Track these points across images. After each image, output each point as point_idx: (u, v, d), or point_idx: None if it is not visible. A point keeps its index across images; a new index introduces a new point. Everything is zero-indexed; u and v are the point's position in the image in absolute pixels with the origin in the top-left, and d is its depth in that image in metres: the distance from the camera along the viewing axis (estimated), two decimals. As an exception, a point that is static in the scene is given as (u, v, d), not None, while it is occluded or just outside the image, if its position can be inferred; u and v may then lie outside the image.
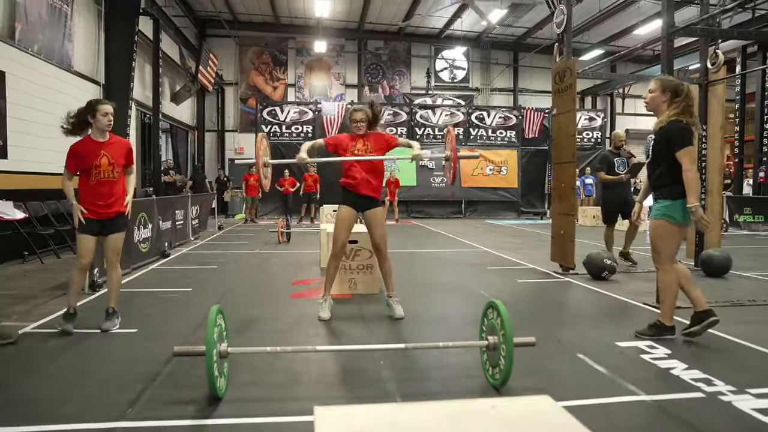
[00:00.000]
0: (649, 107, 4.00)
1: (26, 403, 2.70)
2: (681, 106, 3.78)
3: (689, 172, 3.69)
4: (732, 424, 2.58)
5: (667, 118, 3.80)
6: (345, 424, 1.31)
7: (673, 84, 3.87)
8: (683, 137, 3.72)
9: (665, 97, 3.86)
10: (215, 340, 2.66)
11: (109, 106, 4.07)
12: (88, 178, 3.98)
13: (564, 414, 1.36)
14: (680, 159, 3.71)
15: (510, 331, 2.80)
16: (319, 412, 1.38)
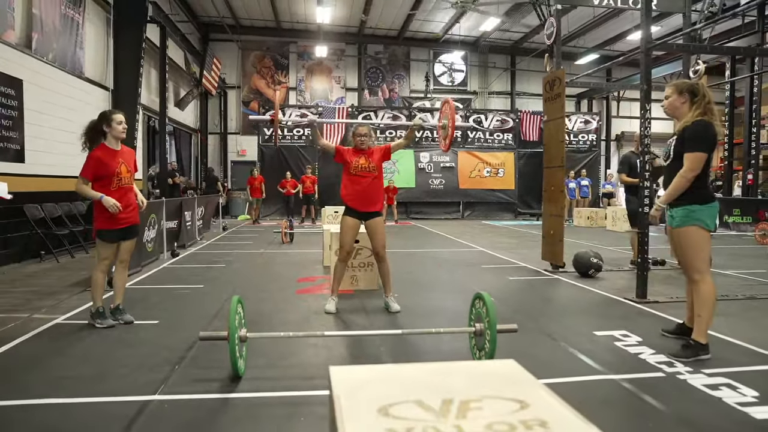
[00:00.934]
0: (668, 113, 3.88)
1: (69, 381, 3.08)
2: (702, 105, 3.63)
3: (683, 176, 3.58)
4: (681, 396, 2.98)
5: (692, 117, 3.64)
6: (353, 377, 1.70)
7: (688, 84, 3.78)
8: (701, 140, 3.57)
9: (684, 98, 3.71)
10: (236, 326, 3.05)
11: (122, 115, 4.38)
12: (109, 185, 4.22)
13: (524, 372, 1.76)
14: (684, 160, 3.59)
15: (494, 319, 3.19)
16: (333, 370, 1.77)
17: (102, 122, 4.25)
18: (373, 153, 4.97)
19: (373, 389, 1.60)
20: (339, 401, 1.50)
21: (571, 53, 20.72)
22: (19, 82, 7.92)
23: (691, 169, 3.55)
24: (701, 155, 3.54)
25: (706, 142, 3.56)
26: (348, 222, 4.92)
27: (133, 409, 2.67)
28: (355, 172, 4.88)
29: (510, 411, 1.44)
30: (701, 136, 3.56)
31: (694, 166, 3.55)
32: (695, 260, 3.64)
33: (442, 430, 1.31)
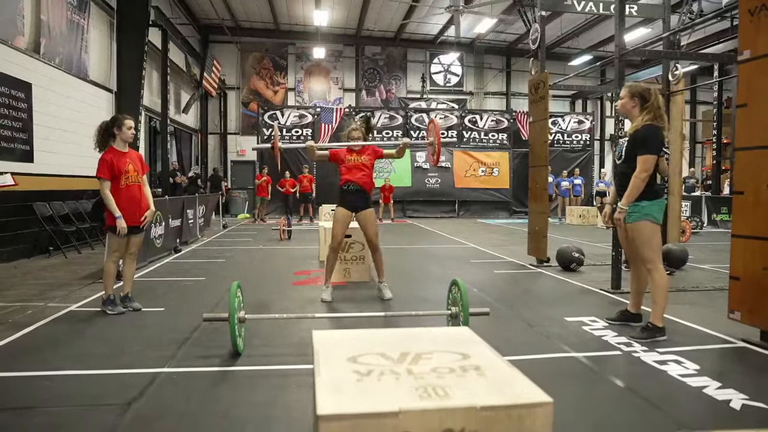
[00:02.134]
0: (621, 113, 4.23)
1: (87, 357, 3.45)
2: (652, 110, 3.92)
3: (637, 177, 3.86)
4: (631, 369, 3.35)
5: (642, 121, 3.93)
6: (330, 337, 2.08)
7: (640, 89, 4.02)
8: (651, 143, 3.86)
9: (634, 102, 4.00)
10: (236, 308, 3.42)
11: (132, 121, 4.77)
12: (118, 183, 4.57)
13: (474, 335, 2.13)
14: (637, 162, 3.86)
15: (466, 303, 3.55)
16: (315, 333, 2.15)
17: (114, 125, 4.62)
18: (363, 152, 5.34)
19: (346, 345, 1.98)
20: (318, 354, 1.89)
21: (566, 54, 21.10)
22: (28, 85, 8.29)
23: (644, 170, 3.86)
24: (651, 157, 3.86)
25: (655, 145, 3.88)
26: (341, 213, 5.31)
27: (146, 379, 3.04)
28: (349, 164, 5.28)
29: (453, 360, 1.82)
30: (650, 139, 3.87)
31: (647, 167, 3.86)
32: (647, 252, 3.95)
33: (396, 371, 1.70)
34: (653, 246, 3.96)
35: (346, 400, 1.47)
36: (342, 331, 2.16)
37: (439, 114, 20.06)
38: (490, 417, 1.42)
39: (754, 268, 3.93)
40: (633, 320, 4.36)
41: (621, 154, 4.12)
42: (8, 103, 7.81)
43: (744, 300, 4.03)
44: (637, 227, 3.95)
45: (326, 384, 1.59)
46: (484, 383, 1.61)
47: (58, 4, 9.31)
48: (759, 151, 3.90)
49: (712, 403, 2.83)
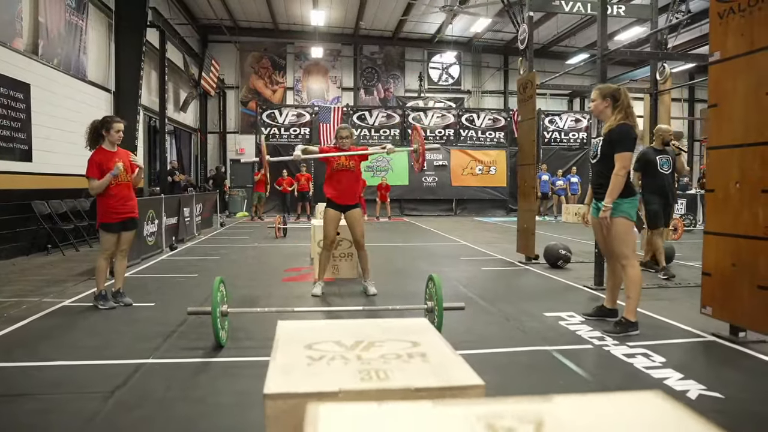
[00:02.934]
0: (594, 115, 4.35)
1: (76, 348, 3.60)
2: (623, 109, 4.06)
3: (617, 175, 3.97)
4: (598, 361, 3.49)
5: (615, 121, 4.06)
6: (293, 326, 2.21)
7: (611, 90, 4.17)
8: (626, 141, 3.99)
9: (606, 102, 4.13)
10: (218, 302, 3.56)
11: (122, 124, 4.90)
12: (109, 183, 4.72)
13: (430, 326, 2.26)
14: (615, 160, 3.98)
15: (440, 297, 3.69)
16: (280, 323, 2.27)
17: (103, 126, 4.76)
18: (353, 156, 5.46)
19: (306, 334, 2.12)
20: (277, 341, 2.03)
21: (563, 53, 21.18)
22: (27, 86, 8.44)
23: (623, 167, 3.99)
24: (629, 154, 4.00)
25: (630, 142, 4.02)
26: (330, 214, 5.45)
27: (130, 369, 3.18)
28: (336, 168, 5.41)
29: (403, 347, 1.95)
30: (625, 137, 4.01)
31: (626, 164, 3.99)
32: (622, 248, 4.08)
33: (346, 356, 1.83)
34: (628, 242, 4.08)
35: (293, 380, 1.61)
36: (306, 321, 2.28)
37: (437, 113, 20.17)
38: (423, 397, 1.55)
39: (724, 264, 4.05)
40: (609, 315, 4.47)
41: (596, 153, 4.25)
42: (7, 104, 7.96)
43: (715, 295, 4.16)
44: (612, 224, 4.06)
45: (278, 367, 1.73)
46: (425, 368, 1.74)
47: (57, 5, 9.45)
48: (728, 150, 4.02)
49: (669, 393, 2.96)
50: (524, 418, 0.71)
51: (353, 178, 5.49)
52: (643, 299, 5.14)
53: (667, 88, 7.90)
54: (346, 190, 5.45)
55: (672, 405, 0.76)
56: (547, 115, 20.42)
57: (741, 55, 3.88)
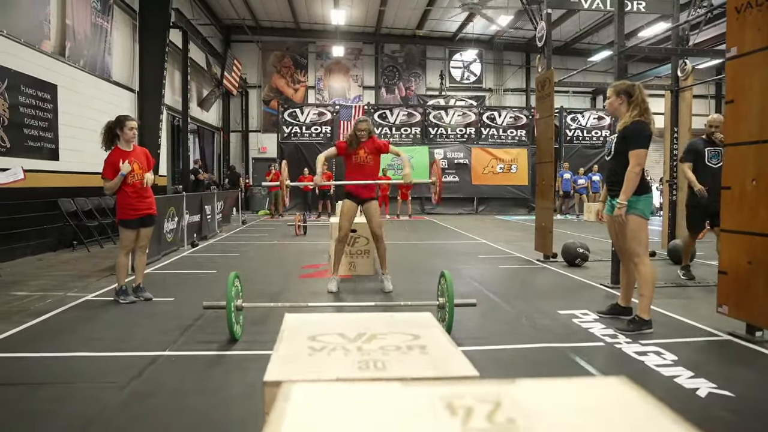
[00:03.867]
0: (609, 112, 4.34)
1: (97, 341, 3.72)
2: (639, 106, 4.03)
3: (632, 172, 3.94)
4: (609, 359, 3.48)
5: (630, 118, 4.03)
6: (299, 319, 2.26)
7: (625, 86, 4.14)
8: (641, 138, 3.97)
9: (621, 99, 4.11)
10: (233, 297, 3.64)
11: (135, 122, 5.00)
12: (125, 181, 4.83)
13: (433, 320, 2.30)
14: (630, 157, 3.96)
15: (451, 294, 3.71)
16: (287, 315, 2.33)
17: (116, 126, 4.87)
18: (368, 144, 5.46)
19: (310, 326, 2.17)
20: (282, 333, 2.08)
21: (586, 50, 20.92)
22: (54, 87, 8.68)
23: (638, 164, 3.96)
24: (643, 151, 3.97)
25: (645, 139, 3.99)
26: (347, 206, 5.52)
27: (147, 361, 3.28)
28: (355, 161, 5.48)
29: (403, 340, 1.99)
30: (640, 134, 3.98)
31: (640, 161, 3.96)
32: (635, 245, 4.05)
33: (347, 348, 1.88)
34: (640, 240, 4.05)
35: (292, 370, 1.66)
36: (312, 314, 2.33)
37: (458, 111, 20.11)
38: (417, 388, 1.59)
39: (740, 262, 4.00)
40: (623, 313, 4.44)
41: (611, 150, 4.23)
42: (35, 104, 8.20)
43: (731, 294, 4.10)
44: (625, 221, 4.03)
45: (280, 357, 1.78)
46: (423, 360, 1.77)
47: (83, 8, 9.69)
48: (745, 147, 3.97)
49: (678, 390, 2.94)
50: (484, 398, 0.75)
51: (371, 172, 5.53)
52: (660, 297, 5.13)
53: (689, 85, 7.76)
54: (362, 185, 5.48)
55: (636, 391, 0.78)
56: (569, 113, 20.22)
57: (758, 50, 3.83)
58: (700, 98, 22.03)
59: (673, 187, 8.00)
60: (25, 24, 8.01)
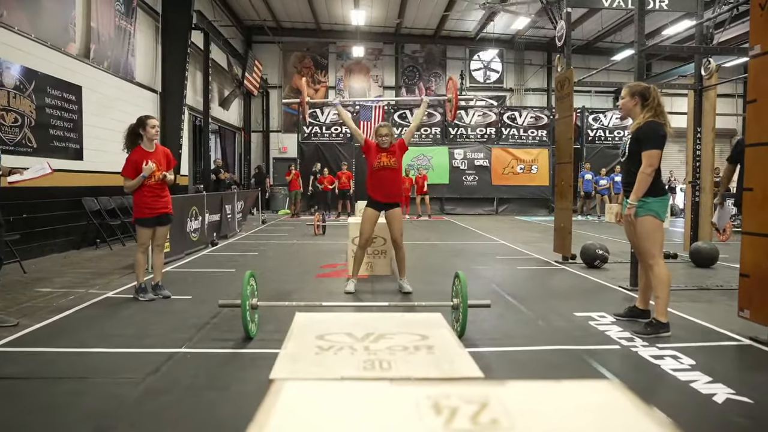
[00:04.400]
0: (623, 113, 4.26)
1: (115, 337, 3.80)
2: (653, 107, 4.00)
3: (644, 173, 3.92)
4: (625, 362, 3.43)
5: (643, 119, 4.00)
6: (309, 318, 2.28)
7: (640, 88, 4.10)
8: (655, 139, 3.93)
9: (635, 101, 4.07)
10: (248, 295, 3.68)
11: (156, 120, 5.09)
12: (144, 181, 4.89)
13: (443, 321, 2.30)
14: (642, 158, 3.92)
15: (465, 294, 3.70)
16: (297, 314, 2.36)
17: (139, 126, 4.95)
18: (394, 150, 5.49)
19: (320, 325, 2.18)
20: (291, 332, 2.10)
21: (609, 49, 20.67)
22: (79, 88, 8.87)
23: (650, 165, 3.92)
24: (656, 152, 3.93)
25: (658, 140, 3.94)
26: (368, 213, 5.50)
27: (163, 357, 3.34)
28: (378, 167, 5.45)
29: (411, 340, 2.00)
30: (653, 135, 3.94)
31: (652, 162, 3.92)
32: (649, 247, 4.00)
33: (354, 347, 1.89)
34: (655, 241, 4.01)
35: (299, 368, 1.68)
36: (322, 313, 2.34)
37: (478, 111, 20.00)
38: (421, 387, 1.59)
39: (763, 265, 3.92)
40: (641, 316, 4.38)
41: (624, 151, 4.19)
42: (61, 105, 8.39)
43: (753, 297, 4.02)
44: (640, 223, 4.00)
45: (287, 355, 1.80)
46: (429, 360, 1.78)
47: (108, 11, 9.88)
48: (767, 148, 3.88)
49: (694, 396, 2.90)
50: (470, 399, 0.75)
51: (394, 177, 5.51)
52: (681, 300, 5.06)
53: (713, 84, 7.61)
54: (388, 188, 5.47)
55: (623, 395, 0.78)
56: (591, 113, 19.98)
57: (782, 48, 3.75)
58: (726, 97, 21.60)
59: (696, 188, 7.86)
60: (51, 27, 8.20)
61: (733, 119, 22.12)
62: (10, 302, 4.85)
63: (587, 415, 0.71)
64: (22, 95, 7.47)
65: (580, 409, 0.73)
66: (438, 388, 0.80)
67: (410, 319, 2.27)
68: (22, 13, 7.51)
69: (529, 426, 0.68)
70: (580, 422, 0.69)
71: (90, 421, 2.50)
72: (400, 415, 0.72)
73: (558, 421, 0.69)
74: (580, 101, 19.46)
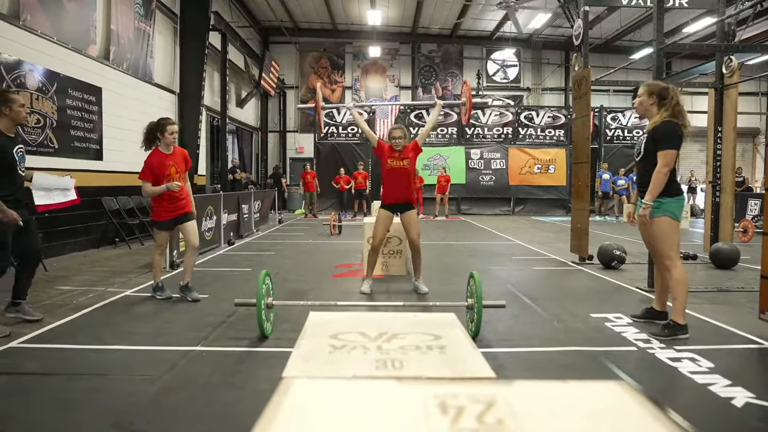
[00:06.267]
0: (639, 111, 4.20)
1: (135, 335, 3.85)
2: (671, 108, 3.94)
3: (659, 173, 3.86)
4: (641, 364, 3.39)
5: (660, 118, 3.95)
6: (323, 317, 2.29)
7: (659, 87, 4.05)
8: (671, 138, 3.89)
9: (652, 100, 4.02)
10: (263, 294, 3.70)
11: (176, 125, 5.07)
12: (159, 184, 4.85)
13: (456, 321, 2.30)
14: (658, 157, 3.88)
15: (480, 295, 3.69)
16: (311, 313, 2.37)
17: (158, 128, 4.96)
18: (407, 151, 5.43)
19: (334, 324, 2.19)
20: (305, 331, 2.11)
21: (627, 48, 20.44)
22: (99, 89, 9.00)
23: (666, 164, 3.87)
24: (672, 152, 3.87)
25: (674, 140, 3.89)
26: (382, 215, 5.47)
27: (179, 355, 3.38)
28: (390, 167, 5.41)
29: (424, 340, 1.99)
30: (670, 135, 3.89)
31: (668, 161, 3.87)
32: (666, 248, 3.96)
33: (367, 346, 1.89)
34: (672, 242, 3.96)
35: (311, 367, 1.69)
36: (336, 313, 2.35)
37: (495, 111, 19.90)
38: (432, 387, 1.59)
39: (784, 267, 3.85)
40: (658, 318, 4.33)
41: (640, 150, 4.13)
42: (82, 107, 8.53)
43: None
44: (656, 224, 3.95)
45: (300, 354, 1.81)
46: (441, 359, 1.77)
47: (127, 14, 10.02)
48: (789, 148, 3.81)
49: (713, 399, 2.85)
50: (477, 398, 0.75)
51: (407, 178, 5.42)
52: (701, 302, 4.99)
53: (734, 82, 7.49)
54: (400, 190, 5.40)
55: (632, 396, 0.77)
56: (609, 112, 19.76)
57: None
58: (749, 95, 21.24)
59: (716, 188, 7.74)
60: (73, 30, 8.34)
61: (756, 118, 21.71)
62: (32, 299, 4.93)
63: (596, 417, 0.70)
64: (44, 97, 7.61)
65: (588, 411, 0.72)
66: (446, 388, 0.80)
67: (423, 319, 2.27)
68: (45, 16, 7.64)
69: (536, 427, 0.67)
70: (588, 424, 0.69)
71: (107, 417, 2.53)
72: (406, 414, 0.72)
73: (565, 423, 0.69)
74: (598, 101, 19.25)
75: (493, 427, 0.67)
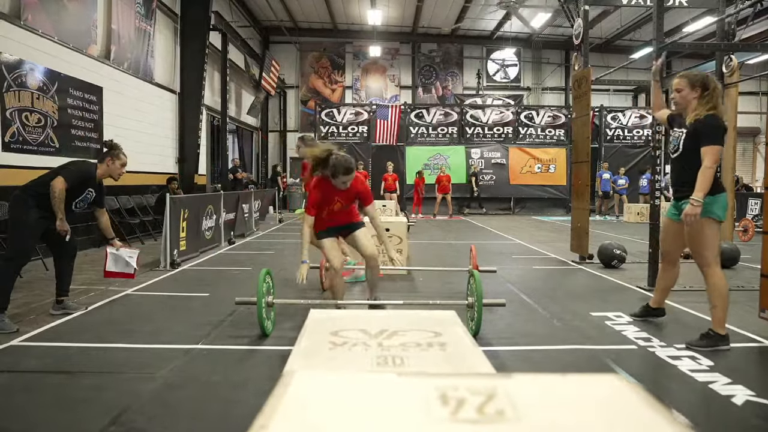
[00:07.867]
0: (680, 106, 3.82)
1: (137, 333, 3.87)
2: (714, 99, 3.64)
3: (708, 169, 3.54)
4: (640, 362, 3.40)
5: (704, 111, 3.62)
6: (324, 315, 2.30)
7: (701, 77, 3.73)
8: (716, 134, 3.60)
9: (696, 92, 3.68)
10: (264, 293, 3.71)
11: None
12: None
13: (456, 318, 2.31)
14: (704, 154, 3.55)
15: (480, 293, 3.70)
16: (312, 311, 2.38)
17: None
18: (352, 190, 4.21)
19: (334, 322, 2.20)
20: (306, 328, 2.12)
21: (627, 47, 20.44)
22: (100, 89, 9.02)
23: (714, 161, 3.56)
24: (719, 148, 3.58)
25: (720, 134, 3.63)
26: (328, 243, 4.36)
27: (180, 353, 3.39)
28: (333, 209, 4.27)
29: (424, 337, 2.00)
30: (715, 130, 3.60)
31: (716, 158, 3.56)
32: (705, 252, 3.67)
33: (368, 343, 1.90)
34: (713, 246, 3.69)
35: (312, 363, 1.69)
36: (338, 310, 2.35)
37: (495, 110, 19.90)
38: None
39: (784, 265, 3.86)
40: (655, 314, 4.33)
41: (678, 147, 3.79)
42: (82, 106, 8.54)
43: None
44: (697, 224, 3.60)
45: (301, 351, 1.82)
46: (441, 356, 1.78)
47: (128, 13, 10.03)
48: (789, 146, 3.81)
49: (713, 397, 2.86)
50: (478, 391, 0.76)
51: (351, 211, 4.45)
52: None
53: (734, 82, 7.50)
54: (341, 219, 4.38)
55: (630, 388, 0.78)
56: (609, 112, 19.75)
57: (804, 45, 3.67)
58: (749, 95, 21.24)
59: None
60: (74, 29, 8.35)
61: (756, 117, 21.72)
62: (33, 298, 4.95)
63: (593, 408, 0.71)
64: (45, 96, 7.61)
65: (586, 402, 0.73)
66: (446, 381, 0.81)
67: (424, 317, 2.28)
68: (46, 16, 7.65)
69: (535, 418, 0.68)
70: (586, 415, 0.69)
71: (108, 414, 2.54)
72: (407, 406, 0.73)
73: (564, 414, 0.70)
74: (598, 100, 19.24)
75: (493, 418, 0.68)
